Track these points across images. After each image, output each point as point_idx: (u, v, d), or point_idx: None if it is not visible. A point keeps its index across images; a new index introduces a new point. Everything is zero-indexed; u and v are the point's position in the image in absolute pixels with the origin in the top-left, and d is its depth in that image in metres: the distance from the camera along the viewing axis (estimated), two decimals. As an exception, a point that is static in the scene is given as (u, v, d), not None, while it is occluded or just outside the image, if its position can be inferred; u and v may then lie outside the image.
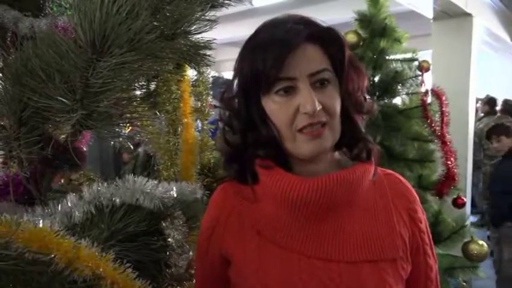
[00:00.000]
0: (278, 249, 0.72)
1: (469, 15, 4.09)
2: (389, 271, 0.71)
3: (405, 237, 0.74)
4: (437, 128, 1.96)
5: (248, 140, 0.75)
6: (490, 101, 5.83)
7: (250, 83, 0.71)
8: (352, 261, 0.70)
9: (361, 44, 2.12)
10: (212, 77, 1.44)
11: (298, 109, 0.68)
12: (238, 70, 0.73)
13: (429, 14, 4.28)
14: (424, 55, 2.37)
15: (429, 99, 2.04)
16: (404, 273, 0.73)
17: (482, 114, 5.87)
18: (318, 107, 0.67)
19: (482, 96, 6.03)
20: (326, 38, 0.71)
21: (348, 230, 0.72)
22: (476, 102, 5.49)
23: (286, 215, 0.73)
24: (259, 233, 0.74)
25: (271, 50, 0.67)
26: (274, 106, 0.70)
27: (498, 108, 5.81)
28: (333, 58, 0.72)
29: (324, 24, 0.73)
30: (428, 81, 2.12)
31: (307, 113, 0.67)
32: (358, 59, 2.05)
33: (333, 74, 0.72)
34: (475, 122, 4.88)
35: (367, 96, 0.79)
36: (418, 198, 0.81)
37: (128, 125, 1.01)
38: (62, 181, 1.13)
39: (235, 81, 0.75)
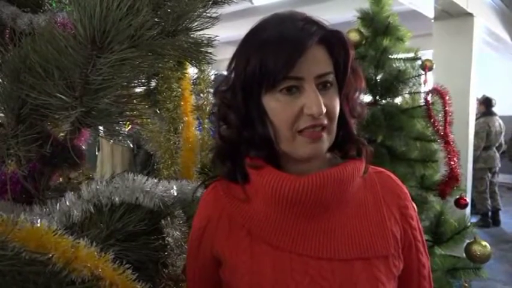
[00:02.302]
0: (269, 248, 0.72)
1: (470, 14, 4.09)
2: (382, 268, 0.71)
3: (397, 235, 0.74)
4: (440, 127, 1.94)
5: (243, 137, 0.74)
6: (486, 101, 5.81)
7: (254, 79, 0.69)
8: (343, 259, 0.70)
9: (363, 42, 2.11)
10: (214, 74, 1.43)
11: (301, 110, 0.67)
12: (241, 66, 0.71)
13: (430, 13, 4.27)
14: (425, 55, 2.36)
15: (429, 98, 2.03)
16: (397, 271, 0.73)
17: (478, 115, 5.85)
18: (324, 110, 0.66)
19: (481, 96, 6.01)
20: (333, 41, 0.70)
21: (339, 227, 0.72)
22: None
23: (277, 213, 0.72)
24: (250, 232, 0.73)
25: (284, 48, 0.66)
26: (277, 105, 0.69)
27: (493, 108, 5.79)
28: (337, 62, 0.71)
29: (330, 26, 0.72)
30: (429, 80, 2.11)
31: (312, 115, 0.66)
32: (360, 57, 2.04)
33: (334, 77, 0.71)
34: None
35: (362, 99, 0.79)
36: (409, 194, 0.80)
37: (128, 123, 1.00)
38: (61, 179, 1.12)
39: (233, 76, 0.74)
